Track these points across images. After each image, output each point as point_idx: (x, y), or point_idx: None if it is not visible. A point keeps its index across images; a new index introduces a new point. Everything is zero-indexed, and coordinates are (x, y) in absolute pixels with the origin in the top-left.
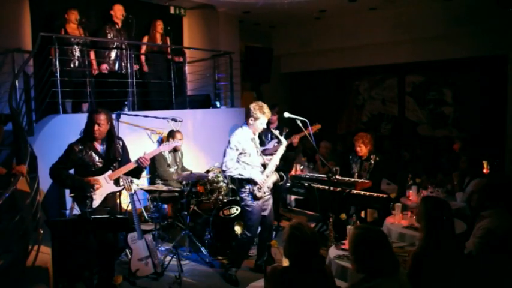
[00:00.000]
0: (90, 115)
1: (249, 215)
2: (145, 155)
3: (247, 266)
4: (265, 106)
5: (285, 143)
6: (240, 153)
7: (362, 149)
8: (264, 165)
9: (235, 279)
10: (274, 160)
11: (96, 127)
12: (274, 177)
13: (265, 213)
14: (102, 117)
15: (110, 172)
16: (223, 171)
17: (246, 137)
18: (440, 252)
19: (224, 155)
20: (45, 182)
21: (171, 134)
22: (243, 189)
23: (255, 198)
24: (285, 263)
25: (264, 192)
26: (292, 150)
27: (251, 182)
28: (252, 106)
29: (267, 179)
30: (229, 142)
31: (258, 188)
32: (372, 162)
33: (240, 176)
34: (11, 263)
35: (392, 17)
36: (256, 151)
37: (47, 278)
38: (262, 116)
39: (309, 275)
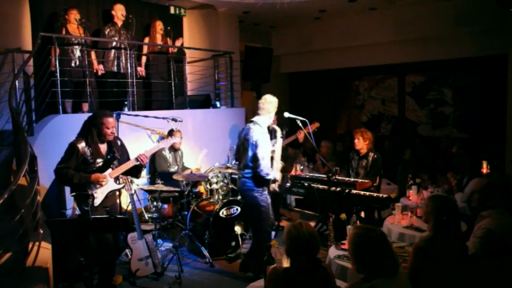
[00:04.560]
0: (100, 119)
1: (264, 212)
2: (144, 152)
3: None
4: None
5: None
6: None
7: (360, 142)
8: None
9: None
10: (278, 152)
11: (109, 131)
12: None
13: None
14: (112, 121)
15: (110, 170)
16: (266, 174)
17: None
18: (447, 251)
19: (257, 159)
20: (45, 181)
21: (171, 133)
22: (256, 189)
23: (269, 192)
24: (285, 263)
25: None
26: (297, 146)
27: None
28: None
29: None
30: (257, 143)
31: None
32: (370, 159)
33: (269, 177)
34: (11, 263)
35: (392, 17)
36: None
37: (47, 278)
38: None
39: (310, 276)
